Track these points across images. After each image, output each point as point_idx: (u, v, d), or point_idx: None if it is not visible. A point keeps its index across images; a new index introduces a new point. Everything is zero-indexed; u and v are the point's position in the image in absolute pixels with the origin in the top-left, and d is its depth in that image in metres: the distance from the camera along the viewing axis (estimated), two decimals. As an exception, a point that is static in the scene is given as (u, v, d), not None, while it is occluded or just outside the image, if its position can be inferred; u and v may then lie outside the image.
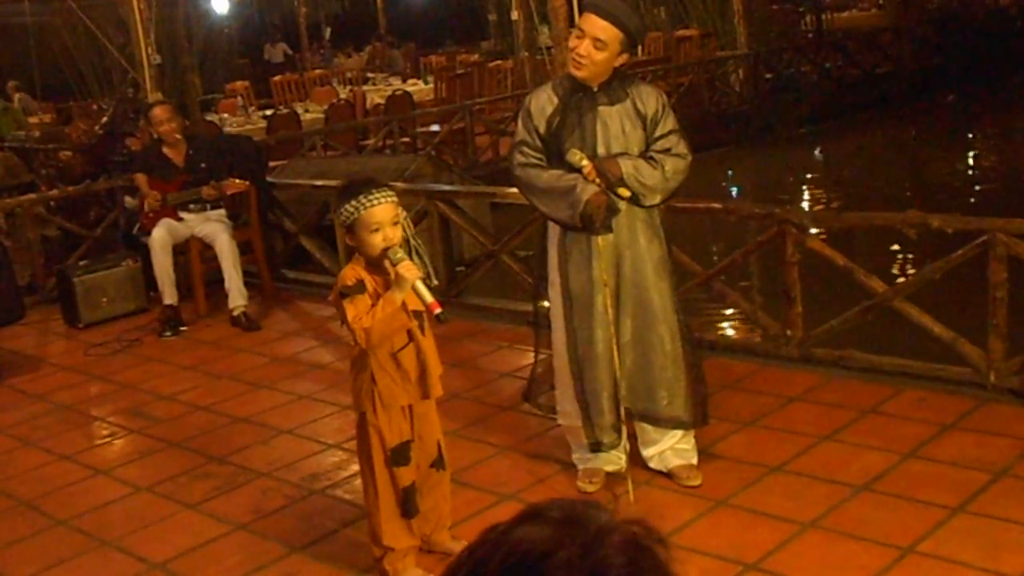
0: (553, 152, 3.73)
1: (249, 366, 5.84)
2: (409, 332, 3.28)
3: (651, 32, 16.54)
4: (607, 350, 3.76)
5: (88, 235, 7.72)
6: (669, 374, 3.83)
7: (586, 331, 3.78)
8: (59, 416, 5.37)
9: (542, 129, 3.75)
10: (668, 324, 3.81)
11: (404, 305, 3.16)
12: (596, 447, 3.88)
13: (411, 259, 3.18)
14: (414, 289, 3.12)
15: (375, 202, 3.16)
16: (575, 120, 3.71)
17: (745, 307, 5.51)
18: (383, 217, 3.17)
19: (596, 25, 3.61)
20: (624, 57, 3.69)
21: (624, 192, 3.65)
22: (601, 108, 3.71)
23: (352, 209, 3.17)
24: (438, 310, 3.15)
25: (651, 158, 3.69)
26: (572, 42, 3.67)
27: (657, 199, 3.73)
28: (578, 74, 3.67)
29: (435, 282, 3.33)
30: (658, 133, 3.73)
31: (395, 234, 3.18)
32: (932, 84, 15.83)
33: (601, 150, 3.68)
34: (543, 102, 3.78)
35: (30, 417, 5.39)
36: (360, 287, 3.18)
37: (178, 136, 6.70)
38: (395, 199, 3.22)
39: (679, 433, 3.94)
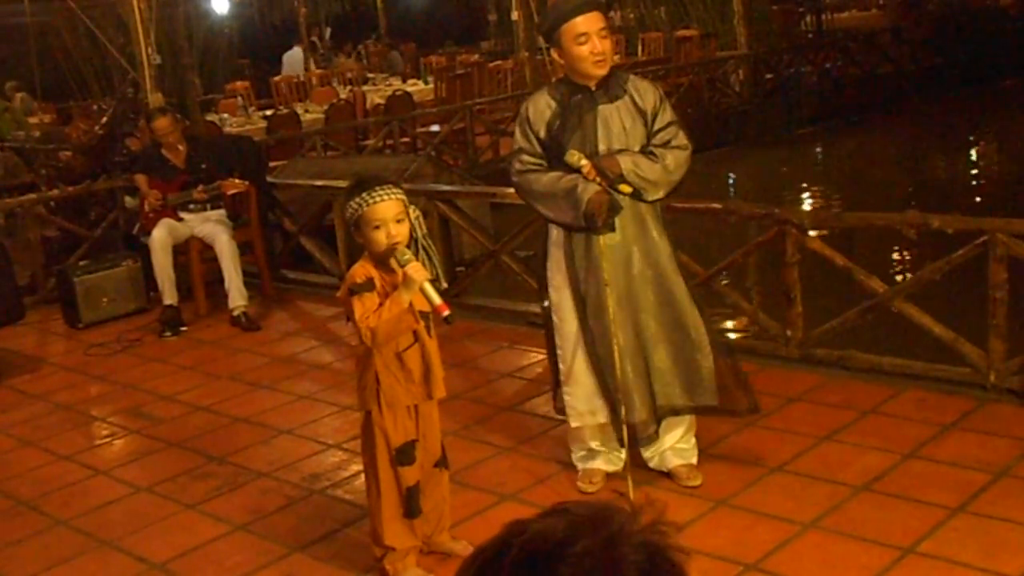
0: (554, 156, 3.72)
1: (249, 366, 5.84)
2: (415, 333, 3.28)
3: (651, 32, 16.58)
4: (626, 347, 3.73)
5: (88, 235, 7.71)
6: (703, 363, 3.81)
7: (602, 330, 3.75)
8: (59, 416, 5.37)
9: (542, 134, 3.74)
10: (691, 315, 3.80)
11: (411, 306, 3.16)
12: (621, 442, 3.84)
13: (421, 260, 3.18)
14: (422, 291, 3.12)
15: (378, 199, 3.16)
16: (575, 121, 3.71)
17: (745, 307, 5.50)
18: (386, 214, 3.16)
19: (596, 20, 3.65)
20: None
21: (625, 188, 3.64)
22: (601, 107, 3.70)
23: (356, 205, 3.17)
24: (446, 312, 3.13)
25: (651, 153, 3.69)
26: (581, 50, 3.64)
27: (660, 193, 3.72)
28: (603, 72, 3.69)
29: (444, 285, 3.31)
30: (657, 126, 3.73)
31: (399, 231, 3.17)
32: (932, 84, 15.82)
33: (603, 148, 3.68)
34: (541, 107, 3.77)
35: (30, 417, 5.39)
36: (369, 285, 3.18)
37: (180, 146, 6.74)
38: (400, 196, 3.21)
39: (679, 432, 3.93)
